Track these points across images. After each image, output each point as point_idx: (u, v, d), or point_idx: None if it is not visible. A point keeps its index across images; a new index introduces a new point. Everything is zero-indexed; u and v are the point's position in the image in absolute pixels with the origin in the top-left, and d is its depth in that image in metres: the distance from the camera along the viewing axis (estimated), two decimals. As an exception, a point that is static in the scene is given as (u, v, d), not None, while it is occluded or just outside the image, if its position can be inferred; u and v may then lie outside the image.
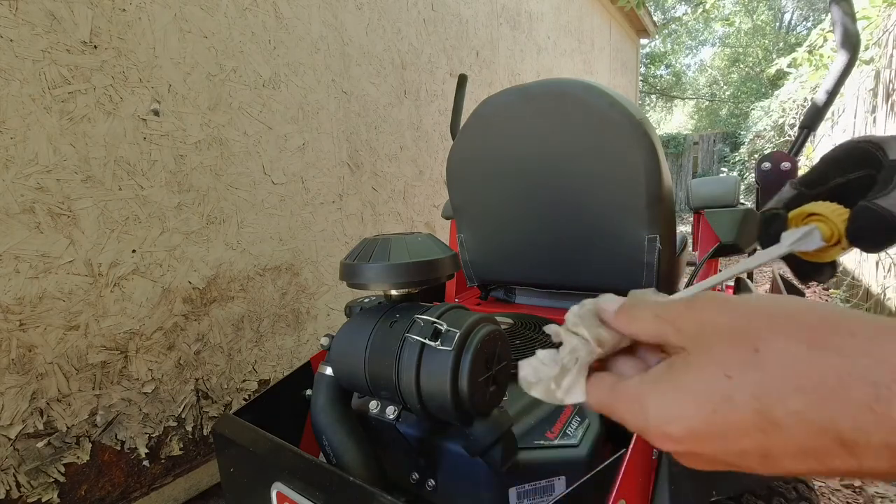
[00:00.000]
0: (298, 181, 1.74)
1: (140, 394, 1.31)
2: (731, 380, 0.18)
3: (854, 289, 2.98)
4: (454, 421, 0.59)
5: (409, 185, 2.37)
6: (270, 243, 1.65)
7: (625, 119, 0.83)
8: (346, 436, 0.67)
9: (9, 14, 1.04)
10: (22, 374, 1.09)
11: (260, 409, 0.80)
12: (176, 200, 1.36)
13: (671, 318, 0.22)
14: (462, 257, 1.15)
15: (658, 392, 0.20)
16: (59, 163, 1.13)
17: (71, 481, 1.18)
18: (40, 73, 1.09)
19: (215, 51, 1.45)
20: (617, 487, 0.50)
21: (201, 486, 1.44)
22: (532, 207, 0.99)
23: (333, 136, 1.89)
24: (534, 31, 3.59)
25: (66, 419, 1.16)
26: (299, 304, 1.77)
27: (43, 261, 1.11)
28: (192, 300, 1.41)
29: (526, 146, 0.95)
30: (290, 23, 1.69)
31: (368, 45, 2.05)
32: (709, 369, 0.19)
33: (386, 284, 0.67)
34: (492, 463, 0.59)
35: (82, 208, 1.17)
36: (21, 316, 1.08)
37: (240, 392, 1.57)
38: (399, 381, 0.61)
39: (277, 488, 0.62)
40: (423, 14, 2.41)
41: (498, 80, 3.15)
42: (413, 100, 2.37)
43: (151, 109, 1.30)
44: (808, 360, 0.17)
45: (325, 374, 0.71)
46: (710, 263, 1.05)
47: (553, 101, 0.90)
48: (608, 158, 0.87)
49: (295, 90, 1.72)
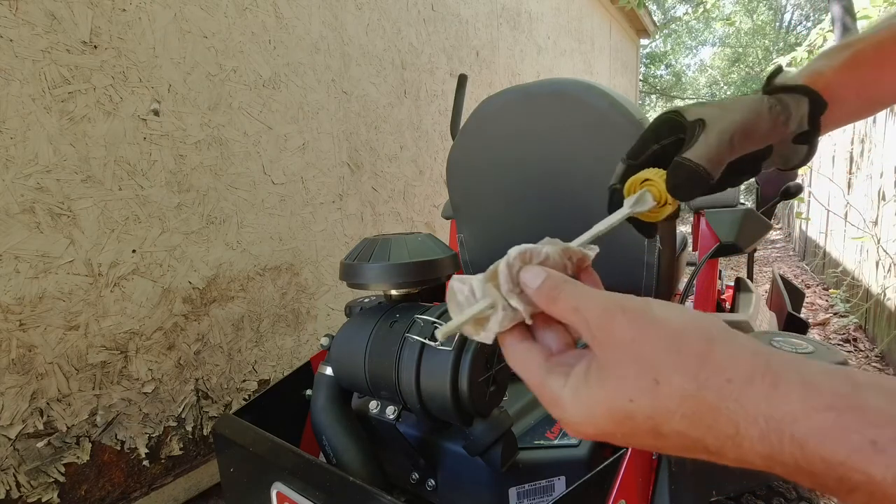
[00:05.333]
0: (298, 181, 1.74)
1: (140, 394, 1.31)
2: (633, 402, 0.22)
3: (854, 289, 2.98)
4: (454, 421, 0.59)
5: (409, 185, 2.37)
6: (270, 243, 1.65)
7: (625, 119, 0.83)
8: (346, 436, 0.67)
9: (9, 14, 1.04)
10: (22, 374, 1.09)
11: (260, 409, 0.80)
12: (176, 200, 1.36)
13: (589, 320, 0.25)
14: (462, 257, 1.15)
15: (577, 401, 0.24)
16: (59, 163, 1.13)
17: (71, 481, 1.18)
18: (40, 73, 1.09)
19: (215, 51, 1.44)
20: (617, 487, 0.50)
21: (201, 486, 1.44)
22: (532, 207, 0.99)
23: (333, 136, 1.89)
24: (534, 31, 3.59)
25: (66, 419, 1.16)
26: (299, 304, 1.77)
27: (43, 261, 1.11)
28: (192, 300, 1.41)
29: (526, 146, 0.95)
30: (290, 23, 1.69)
31: (368, 45, 2.05)
32: (618, 392, 0.23)
33: (386, 284, 0.67)
34: (492, 463, 0.59)
35: (82, 208, 1.17)
36: (21, 316, 1.08)
37: (240, 392, 1.57)
38: (399, 381, 0.61)
39: (277, 488, 0.62)
40: (423, 14, 2.41)
41: (498, 80, 3.14)
42: (413, 100, 2.37)
43: (151, 109, 1.30)
44: (693, 396, 0.21)
45: (325, 374, 0.71)
46: (711, 263, 1.05)
47: (553, 101, 0.90)
48: (608, 158, 0.86)
49: (295, 90, 1.72)
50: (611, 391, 0.23)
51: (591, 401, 0.24)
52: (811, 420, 0.19)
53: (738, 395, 0.20)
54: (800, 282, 4.02)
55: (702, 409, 0.21)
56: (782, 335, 0.58)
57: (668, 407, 0.22)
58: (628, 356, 0.23)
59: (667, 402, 0.22)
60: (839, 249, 3.52)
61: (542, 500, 0.64)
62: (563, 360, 0.27)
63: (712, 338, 0.22)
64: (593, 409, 0.24)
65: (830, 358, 0.52)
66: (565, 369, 0.26)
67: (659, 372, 0.22)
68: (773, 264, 5.13)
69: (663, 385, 0.22)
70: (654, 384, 0.22)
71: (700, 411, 0.21)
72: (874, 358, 2.38)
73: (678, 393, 0.21)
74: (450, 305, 0.29)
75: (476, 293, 0.28)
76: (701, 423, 0.21)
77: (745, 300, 1.09)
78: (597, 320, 0.24)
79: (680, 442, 0.22)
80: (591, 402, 0.24)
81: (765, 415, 0.20)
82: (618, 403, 0.23)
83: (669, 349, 0.22)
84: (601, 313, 0.24)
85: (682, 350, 0.22)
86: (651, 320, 0.23)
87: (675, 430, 0.22)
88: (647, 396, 0.22)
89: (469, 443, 0.59)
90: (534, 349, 0.28)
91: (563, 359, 0.27)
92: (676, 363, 0.22)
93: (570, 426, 0.25)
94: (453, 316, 0.28)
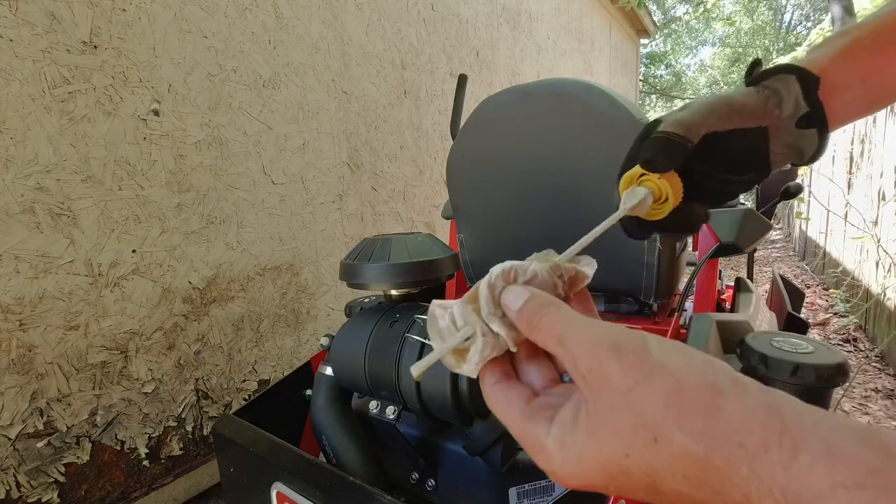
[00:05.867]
0: (298, 181, 1.74)
1: (140, 394, 1.31)
2: (629, 458, 0.20)
3: (854, 289, 2.98)
4: (454, 421, 0.59)
5: (409, 185, 2.37)
6: (270, 243, 1.65)
7: (625, 119, 0.83)
8: (346, 436, 0.67)
9: (9, 14, 1.04)
10: (22, 374, 1.09)
11: (260, 409, 0.80)
12: (176, 200, 1.36)
13: (576, 356, 0.22)
14: (462, 257, 1.15)
15: (563, 452, 0.22)
16: (59, 163, 1.13)
17: (71, 481, 1.18)
18: (40, 73, 1.09)
19: (215, 51, 1.44)
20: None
21: (201, 486, 1.44)
22: (532, 207, 0.99)
23: (333, 136, 1.89)
24: (534, 31, 3.59)
25: (66, 419, 1.16)
26: (299, 304, 1.77)
27: (43, 261, 1.11)
28: (192, 300, 1.42)
29: (526, 146, 0.95)
30: (290, 23, 1.69)
31: (368, 45, 2.05)
32: (610, 446, 0.21)
33: (386, 284, 0.67)
34: (492, 463, 0.59)
35: (82, 208, 1.17)
36: (21, 316, 1.08)
37: (240, 392, 1.57)
38: (399, 381, 0.61)
39: (277, 488, 0.62)
40: (423, 14, 2.41)
41: (498, 80, 3.14)
42: (413, 100, 2.37)
43: (151, 109, 1.30)
44: (698, 459, 0.19)
45: (325, 374, 0.71)
46: (711, 263, 1.05)
47: (553, 101, 0.90)
48: (608, 158, 0.87)
49: (295, 90, 1.72)
50: (603, 444, 0.21)
51: (580, 452, 0.22)
52: (838, 499, 0.16)
53: (752, 462, 0.18)
54: (800, 282, 4.02)
55: (707, 472, 0.19)
56: (782, 335, 0.58)
57: (669, 466, 0.19)
58: (623, 407, 0.20)
59: (668, 461, 0.19)
60: (839, 249, 3.52)
61: (542, 500, 0.64)
62: (546, 402, 0.24)
63: (720, 390, 0.20)
64: (583, 462, 0.21)
65: (830, 358, 0.52)
66: (549, 413, 0.23)
67: (659, 429, 0.19)
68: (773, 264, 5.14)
69: (663, 444, 0.19)
70: (653, 442, 0.20)
71: (705, 475, 0.19)
72: (874, 358, 2.38)
73: (681, 452, 0.19)
74: (430, 333, 0.26)
75: (457, 321, 0.25)
76: (706, 487, 0.19)
77: (745, 300, 1.09)
78: (586, 360, 0.22)
79: (681, 502, 0.20)
80: (580, 453, 0.22)
81: (781, 487, 0.17)
82: (611, 457, 0.21)
83: (670, 403, 0.20)
84: (591, 352, 0.22)
85: (684, 404, 0.19)
86: (650, 367, 0.20)
87: (675, 490, 0.20)
88: (644, 453, 0.20)
89: (469, 443, 0.59)
90: (513, 391, 0.25)
91: (546, 399, 0.24)
92: (678, 419, 0.19)
93: (557, 477, 0.23)
94: (434, 345, 0.25)
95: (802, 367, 0.50)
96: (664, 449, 0.19)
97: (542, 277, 0.26)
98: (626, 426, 0.20)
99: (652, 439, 0.20)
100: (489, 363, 0.25)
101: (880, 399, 2.01)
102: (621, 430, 0.20)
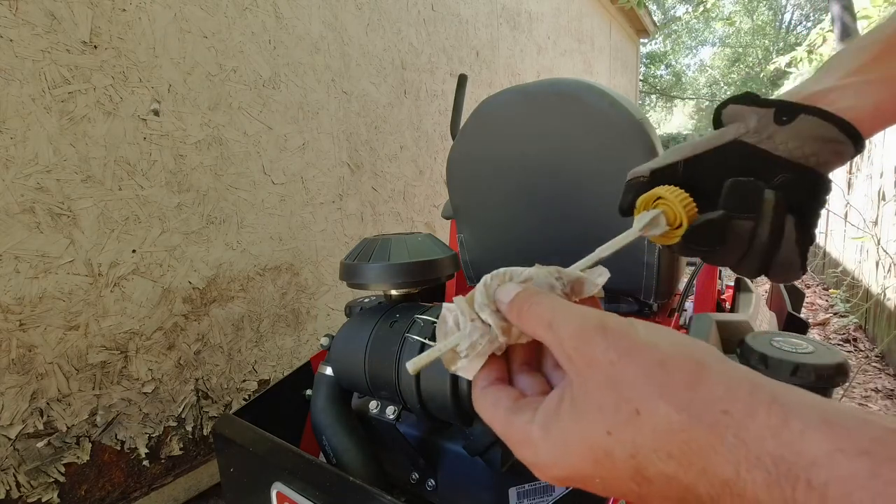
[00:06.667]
0: (298, 181, 1.74)
1: (140, 394, 1.31)
2: (611, 436, 0.19)
3: (854, 289, 2.98)
4: (454, 421, 0.59)
5: (409, 185, 2.37)
6: (270, 243, 1.65)
7: (625, 119, 0.83)
8: (346, 436, 0.67)
9: (9, 14, 1.04)
10: (22, 374, 1.09)
11: (260, 409, 0.80)
12: (176, 200, 1.36)
13: (563, 339, 0.22)
14: (462, 257, 1.15)
15: (547, 439, 0.21)
16: (59, 163, 1.13)
17: (71, 481, 1.18)
18: (40, 73, 1.09)
19: (215, 51, 1.44)
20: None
21: (201, 486, 1.44)
22: (532, 207, 0.99)
23: (333, 136, 1.89)
24: (534, 31, 3.59)
25: (66, 419, 1.16)
26: (299, 304, 1.77)
27: (43, 261, 1.11)
28: (192, 300, 1.42)
29: (526, 146, 0.95)
30: (290, 23, 1.69)
31: (368, 45, 2.05)
32: (593, 424, 0.20)
33: (386, 284, 0.67)
34: (492, 463, 0.59)
35: (82, 208, 1.17)
36: (21, 316, 1.08)
37: (240, 392, 1.57)
38: (399, 381, 0.61)
39: (277, 488, 0.62)
40: (423, 14, 2.41)
41: (498, 80, 3.14)
42: (413, 100, 2.37)
43: (151, 109, 1.30)
44: (682, 430, 0.18)
45: (325, 374, 0.71)
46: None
47: (553, 101, 0.90)
48: (608, 158, 0.87)
49: (295, 90, 1.72)
50: (587, 423, 0.20)
51: (564, 435, 0.21)
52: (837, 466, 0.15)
53: (738, 430, 0.17)
54: (800, 282, 4.02)
55: (692, 446, 0.18)
56: (782, 335, 0.58)
57: (652, 443, 0.19)
58: (607, 382, 0.20)
59: (651, 437, 0.19)
60: (839, 249, 3.52)
61: (542, 500, 0.64)
62: (533, 400, 0.24)
63: (704, 363, 0.19)
64: (567, 447, 0.21)
65: (830, 358, 0.52)
66: (534, 404, 0.23)
67: (641, 400, 0.19)
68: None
69: (645, 415, 0.19)
70: (636, 415, 0.19)
71: (691, 450, 0.18)
72: (874, 358, 2.38)
73: (664, 425, 0.18)
74: (438, 335, 0.27)
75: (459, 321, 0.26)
76: (692, 466, 0.18)
77: (745, 300, 1.09)
78: (572, 339, 0.21)
79: (668, 489, 0.19)
80: (564, 436, 0.21)
81: (772, 455, 0.16)
82: (594, 437, 0.20)
83: (653, 375, 0.19)
84: (578, 331, 0.21)
85: (668, 376, 0.19)
86: (634, 343, 0.20)
87: (661, 472, 0.19)
88: (627, 429, 0.19)
89: (469, 443, 0.59)
90: (502, 392, 0.25)
91: (533, 399, 0.24)
92: (662, 390, 0.19)
93: (542, 469, 0.22)
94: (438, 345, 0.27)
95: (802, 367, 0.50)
96: (647, 421, 0.19)
97: (538, 281, 0.27)
98: (609, 402, 0.20)
99: (634, 411, 0.19)
100: (484, 368, 0.26)
101: (880, 399, 2.01)
102: (604, 406, 0.20)
